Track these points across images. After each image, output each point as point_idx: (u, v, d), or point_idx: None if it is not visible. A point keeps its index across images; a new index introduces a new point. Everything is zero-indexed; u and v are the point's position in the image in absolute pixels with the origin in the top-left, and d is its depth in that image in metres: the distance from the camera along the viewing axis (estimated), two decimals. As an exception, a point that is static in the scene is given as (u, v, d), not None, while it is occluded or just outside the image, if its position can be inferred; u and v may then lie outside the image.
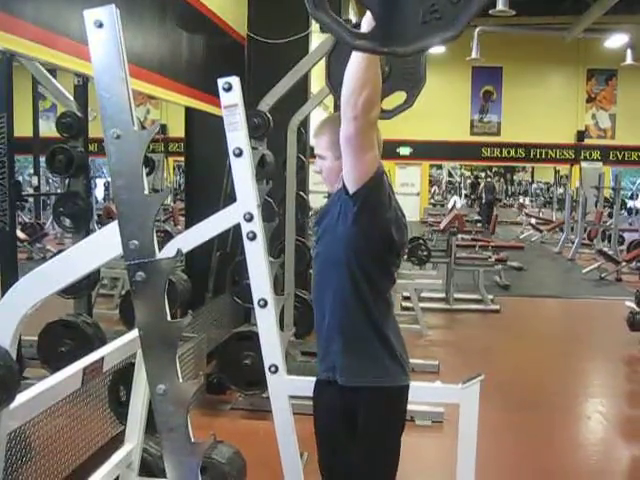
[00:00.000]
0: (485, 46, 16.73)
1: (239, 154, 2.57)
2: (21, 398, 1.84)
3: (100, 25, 1.53)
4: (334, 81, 3.45)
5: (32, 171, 11.68)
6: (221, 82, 2.53)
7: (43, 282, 1.70)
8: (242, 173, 2.59)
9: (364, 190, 2.08)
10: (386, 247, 2.22)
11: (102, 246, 1.66)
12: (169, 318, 1.54)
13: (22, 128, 8.88)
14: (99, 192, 12.62)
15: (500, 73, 21.37)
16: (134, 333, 2.30)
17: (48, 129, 9.23)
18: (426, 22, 1.44)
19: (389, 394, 2.27)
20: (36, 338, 4.18)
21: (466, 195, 28.31)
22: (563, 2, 17.22)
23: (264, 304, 2.62)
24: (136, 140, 1.50)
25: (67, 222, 4.66)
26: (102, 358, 2.32)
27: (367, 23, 1.58)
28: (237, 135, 2.56)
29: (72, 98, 4.54)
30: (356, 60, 1.85)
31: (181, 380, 1.54)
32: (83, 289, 4.39)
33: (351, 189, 2.09)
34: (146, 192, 1.51)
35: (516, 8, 12.99)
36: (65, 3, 3.58)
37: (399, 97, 3.23)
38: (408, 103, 3.24)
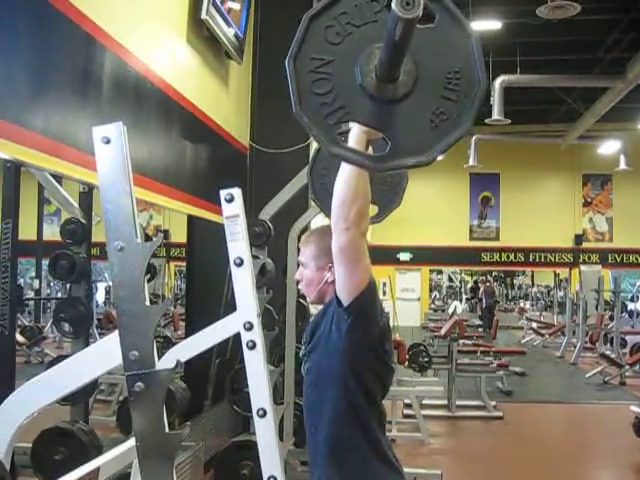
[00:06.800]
0: (482, 153, 17.15)
1: (240, 264, 2.59)
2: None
3: (107, 141, 1.60)
4: (317, 193, 3.51)
5: (34, 274, 11.72)
6: (223, 193, 2.58)
7: (40, 392, 1.70)
8: (243, 282, 2.60)
9: (358, 302, 2.06)
10: (379, 356, 2.21)
11: (102, 356, 1.67)
12: (167, 429, 1.54)
13: (26, 231, 8.95)
14: (100, 296, 12.63)
15: (497, 179, 21.76)
16: (131, 442, 2.27)
17: (51, 233, 9.33)
18: (436, 126, 1.52)
19: None
20: (30, 445, 4.10)
21: (467, 299, 28.27)
22: (556, 111, 17.79)
23: (263, 414, 2.58)
24: (139, 252, 1.54)
25: (67, 327, 4.65)
26: (98, 469, 2.28)
27: (357, 142, 1.65)
28: (238, 245, 2.58)
29: (77, 205, 4.62)
30: (346, 173, 1.86)
31: (177, 493, 1.52)
32: (80, 396, 4.33)
33: (345, 301, 2.08)
34: (147, 303, 1.53)
35: (511, 117, 13.44)
36: (73, 114, 3.69)
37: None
38: (378, 218, 3.25)
